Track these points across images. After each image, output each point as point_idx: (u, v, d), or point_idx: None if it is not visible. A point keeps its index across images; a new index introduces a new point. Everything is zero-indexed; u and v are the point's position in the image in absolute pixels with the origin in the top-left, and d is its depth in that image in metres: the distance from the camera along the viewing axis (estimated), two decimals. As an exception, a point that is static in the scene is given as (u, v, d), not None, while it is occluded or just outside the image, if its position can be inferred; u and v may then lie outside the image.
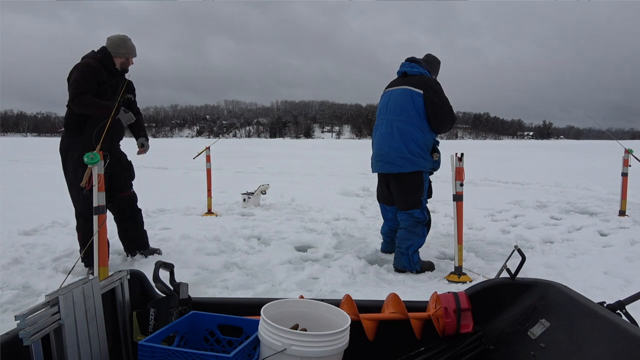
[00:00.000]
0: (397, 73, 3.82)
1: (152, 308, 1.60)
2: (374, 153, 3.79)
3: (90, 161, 2.83)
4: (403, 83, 3.65)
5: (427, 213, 3.67)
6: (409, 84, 3.61)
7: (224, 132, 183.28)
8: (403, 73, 3.74)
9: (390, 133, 3.60)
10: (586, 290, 2.98)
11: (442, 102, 3.55)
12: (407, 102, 3.57)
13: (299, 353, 1.29)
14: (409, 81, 3.63)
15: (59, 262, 3.64)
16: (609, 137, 10.61)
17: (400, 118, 3.57)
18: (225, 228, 4.92)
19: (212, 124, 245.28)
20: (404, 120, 3.55)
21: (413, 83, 3.60)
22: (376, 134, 3.78)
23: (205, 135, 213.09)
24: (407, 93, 3.59)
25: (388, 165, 3.61)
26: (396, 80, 3.79)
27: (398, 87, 3.66)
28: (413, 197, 3.57)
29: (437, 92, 3.58)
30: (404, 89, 3.62)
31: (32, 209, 6.04)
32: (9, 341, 1.17)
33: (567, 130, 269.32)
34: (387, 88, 3.83)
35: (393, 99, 3.66)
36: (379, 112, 3.80)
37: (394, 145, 3.55)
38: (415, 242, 3.51)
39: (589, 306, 1.44)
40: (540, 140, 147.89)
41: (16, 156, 20.11)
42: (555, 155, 24.61)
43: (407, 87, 3.61)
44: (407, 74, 3.71)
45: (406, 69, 3.73)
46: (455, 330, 1.67)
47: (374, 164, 3.82)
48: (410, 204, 3.56)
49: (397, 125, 3.57)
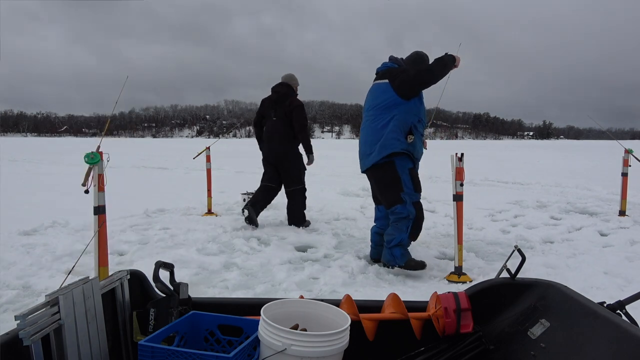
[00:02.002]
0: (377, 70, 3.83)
1: (152, 308, 1.60)
2: (358, 150, 3.82)
3: (91, 161, 2.83)
4: (378, 78, 3.71)
5: (412, 207, 3.46)
6: (383, 77, 3.64)
7: (224, 132, 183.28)
8: (379, 72, 3.77)
9: (365, 130, 3.68)
10: (586, 290, 2.98)
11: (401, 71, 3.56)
12: (376, 95, 3.62)
13: (299, 353, 1.29)
14: (383, 76, 3.66)
15: (59, 262, 3.64)
16: (609, 137, 10.62)
17: (371, 113, 3.63)
18: (225, 228, 4.92)
19: (212, 124, 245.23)
20: (374, 114, 3.59)
21: (379, 77, 3.69)
22: (361, 129, 3.83)
23: (205, 135, 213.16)
24: (375, 88, 3.68)
25: (364, 160, 3.66)
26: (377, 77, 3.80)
27: (376, 82, 3.72)
28: (392, 193, 3.50)
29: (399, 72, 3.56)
30: (373, 85, 3.73)
31: (32, 209, 6.04)
32: (9, 341, 1.17)
33: (567, 130, 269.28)
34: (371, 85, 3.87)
35: (367, 99, 3.77)
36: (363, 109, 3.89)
37: (368, 141, 3.61)
38: (396, 236, 3.42)
39: (589, 306, 1.44)
40: (540, 140, 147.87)
41: (16, 156, 20.10)
42: (555, 155, 24.61)
43: (374, 82, 3.72)
44: (377, 73, 3.78)
45: (381, 68, 3.76)
46: (455, 330, 1.67)
47: (360, 161, 3.80)
48: (391, 201, 3.50)
49: (369, 121, 3.64)
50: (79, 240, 4.26)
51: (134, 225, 5.03)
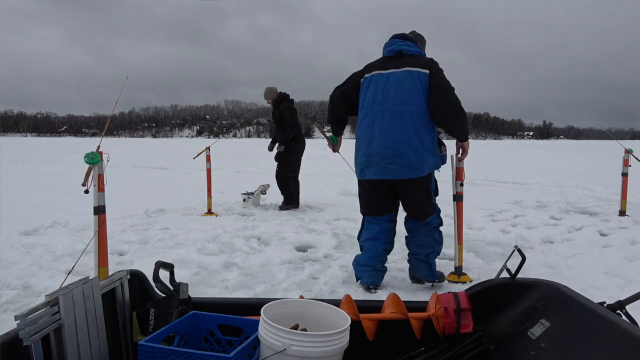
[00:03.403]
0: (389, 52, 3.07)
1: (152, 308, 1.60)
2: (369, 153, 2.99)
3: (91, 161, 2.83)
4: (402, 64, 2.96)
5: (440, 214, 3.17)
6: (411, 64, 2.94)
7: (224, 132, 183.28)
8: (398, 52, 3.03)
9: (402, 126, 2.88)
10: (586, 290, 2.98)
11: (451, 88, 2.91)
12: (415, 86, 2.89)
13: (299, 353, 1.29)
14: (410, 61, 2.96)
15: (59, 262, 3.64)
16: (609, 137, 10.62)
17: (410, 107, 2.88)
18: (225, 228, 4.92)
19: (212, 124, 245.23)
20: (415, 110, 2.88)
21: (416, 63, 2.94)
22: (373, 129, 2.97)
23: (205, 135, 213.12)
24: (413, 75, 2.90)
25: (402, 169, 2.89)
26: (388, 61, 3.04)
27: (398, 70, 2.95)
28: (430, 204, 3.06)
29: (444, 76, 2.95)
30: (408, 71, 2.92)
31: (32, 209, 6.04)
32: (9, 341, 1.17)
33: (567, 130, 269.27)
34: (375, 70, 3.05)
35: (393, 84, 2.93)
36: (371, 101, 3.01)
37: (411, 143, 2.86)
38: (436, 249, 3.08)
39: (589, 306, 1.44)
40: (540, 140, 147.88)
41: (16, 156, 20.10)
42: (555, 155, 24.61)
43: (410, 68, 2.93)
44: (403, 54, 3.02)
45: (402, 47, 3.03)
46: (455, 330, 1.67)
47: (370, 167, 3.01)
48: (429, 211, 3.05)
49: (409, 117, 2.88)
50: (79, 240, 4.26)
51: (134, 225, 5.03)
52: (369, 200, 3.16)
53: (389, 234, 3.13)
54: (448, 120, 2.93)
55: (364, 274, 3.06)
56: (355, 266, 3.15)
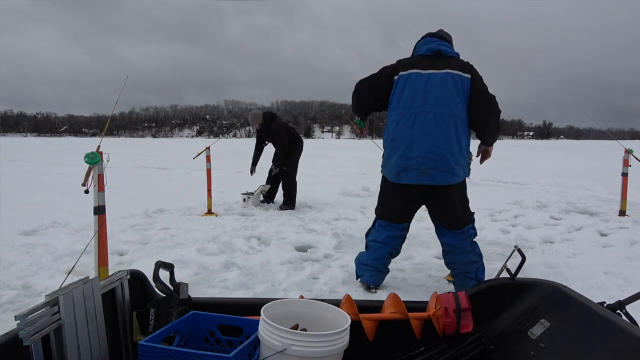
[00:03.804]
0: (427, 51, 2.94)
1: (152, 308, 1.60)
2: (408, 156, 2.83)
3: (91, 161, 2.83)
4: (442, 65, 2.86)
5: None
6: (452, 66, 2.85)
7: (224, 132, 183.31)
8: (437, 52, 2.91)
9: (443, 130, 2.79)
10: (586, 290, 2.98)
11: (493, 95, 2.88)
12: (457, 89, 2.82)
13: (299, 353, 1.29)
14: (450, 63, 2.86)
15: (59, 262, 3.64)
16: (609, 137, 10.62)
17: (452, 111, 2.81)
18: (225, 228, 4.92)
19: (212, 124, 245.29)
20: (456, 114, 2.82)
21: (457, 66, 2.85)
22: (413, 131, 2.82)
23: (205, 135, 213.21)
24: (455, 79, 2.82)
25: (444, 174, 2.80)
26: (427, 60, 2.90)
27: (439, 71, 2.85)
28: (466, 211, 2.99)
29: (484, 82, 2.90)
30: (450, 74, 2.83)
31: (32, 209, 6.04)
32: (9, 341, 1.17)
33: (567, 130, 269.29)
34: (412, 69, 2.90)
35: (435, 86, 2.82)
36: (409, 102, 2.86)
37: (451, 147, 2.80)
38: (481, 262, 3.00)
39: (589, 306, 1.44)
40: (540, 140, 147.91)
41: (16, 156, 20.10)
42: (555, 155, 24.61)
43: (452, 70, 2.84)
44: (442, 54, 2.91)
45: (441, 47, 2.92)
46: (455, 330, 1.67)
47: (408, 171, 2.84)
48: (467, 220, 2.97)
49: (452, 120, 2.80)
50: (79, 240, 4.26)
51: (134, 225, 5.03)
52: (393, 205, 3.02)
53: (399, 240, 3.07)
54: (486, 125, 2.90)
55: (366, 272, 3.03)
56: (357, 264, 3.12)
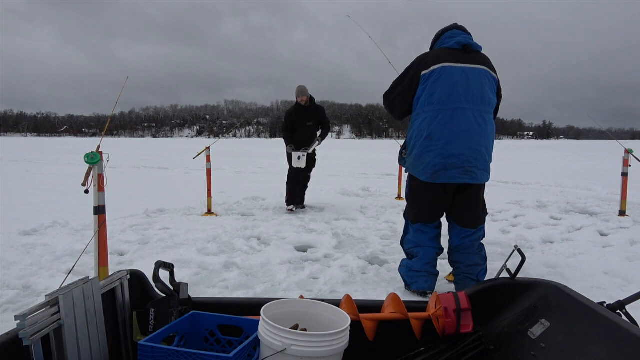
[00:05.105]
0: (455, 44, 2.78)
1: (152, 308, 1.60)
2: (449, 154, 2.69)
3: (91, 161, 2.83)
4: (474, 60, 2.73)
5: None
6: (484, 63, 2.74)
7: (224, 132, 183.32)
8: (467, 46, 2.76)
9: (482, 128, 2.69)
10: (586, 290, 2.98)
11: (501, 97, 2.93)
12: (491, 88, 2.75)
13: (299, 353, 1.29)
14: (482, 59, 2.75)
15: (59, 262, 3.64)
16: (609, 137, 10.61)
17: (489, 109, 2.75)
18: (225, 228, 4.92)
19: (212, 124, 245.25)
20: (491, 113, 2.77)
21: (488, 64, 2.77)
22: (452, 127, 2.67)
23: (205, 135, 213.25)
24: (489, 78, 2.74)
25: (483, 173, 2.76)
26: (457, 54, 2.74)
27: (473, 66, 2.71)
28: (485, 210, 3.00)
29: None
30: (486, 71, 2.73)
31: (32, 209, 6.04)
32: (9, 341, 1.17)
33: (567, 130, 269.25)
34: (444, 62, 2.72)
35: (474, 81, 2.68)
36: (446, 96, 2.68)
37: (489, 147, 2.76)
38: (485, 266, 2.95)
39: (589, 306, 1.44)
40: (540, 140, 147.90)
41: (16, 156, 20.11)
42: (555, 155, 24.61)
43: (487, 68, 2.75)
44: (471, 49, 2.77)
45: (470, 41, 2.78)
46: (455, 330, 1.67)
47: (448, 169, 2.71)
48: (482, 219, 2.96)
49: (489, 119, 2.74)
50: (79, 240, 4.26)
51: (134, 225, 5.03)
52: (426, 206, 2.91)
53: (439, 238, 3.03)
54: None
55: (420, 279, 2.90)
56: (406, 272, 3.00)
